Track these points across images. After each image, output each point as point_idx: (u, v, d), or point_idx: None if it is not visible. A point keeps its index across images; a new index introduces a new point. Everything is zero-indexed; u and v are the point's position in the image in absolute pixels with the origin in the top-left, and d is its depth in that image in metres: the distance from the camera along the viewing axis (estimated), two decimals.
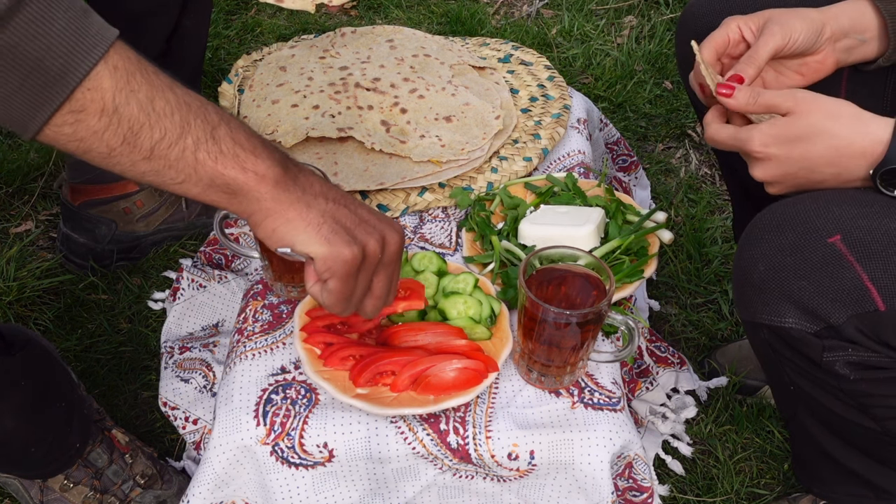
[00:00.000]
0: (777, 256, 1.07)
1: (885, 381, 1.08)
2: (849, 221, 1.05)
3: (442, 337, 1.23)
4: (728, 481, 1.57)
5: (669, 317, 1.86)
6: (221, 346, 1.62)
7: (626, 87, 2.42)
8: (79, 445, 1.42)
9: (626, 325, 1.18)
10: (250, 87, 1.69)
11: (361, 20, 2.72)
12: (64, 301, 1.84)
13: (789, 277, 1.06)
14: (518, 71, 1.77)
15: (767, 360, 1.22)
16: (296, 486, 1.21)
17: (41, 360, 1.37)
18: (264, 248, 1.31)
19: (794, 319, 1.07)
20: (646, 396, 1.60)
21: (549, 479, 1.22)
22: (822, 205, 1.07)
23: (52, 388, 1.37)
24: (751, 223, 1.13)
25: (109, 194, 1.84)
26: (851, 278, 1.02)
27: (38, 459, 1.37)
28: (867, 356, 1.06)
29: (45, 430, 1.35)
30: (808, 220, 1.07)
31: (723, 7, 1.34)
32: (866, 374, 1.07)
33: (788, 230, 1.07)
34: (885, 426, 1.13)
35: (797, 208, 1.09)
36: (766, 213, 1.12)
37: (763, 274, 1.08)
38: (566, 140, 1.65)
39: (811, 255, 1.05)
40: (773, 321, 1.08)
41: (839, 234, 1.04)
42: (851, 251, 1.03)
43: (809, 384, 1.15)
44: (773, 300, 1.08)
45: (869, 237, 1.03)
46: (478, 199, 1.49)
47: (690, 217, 2.06)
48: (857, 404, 1.12)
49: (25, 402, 1.30)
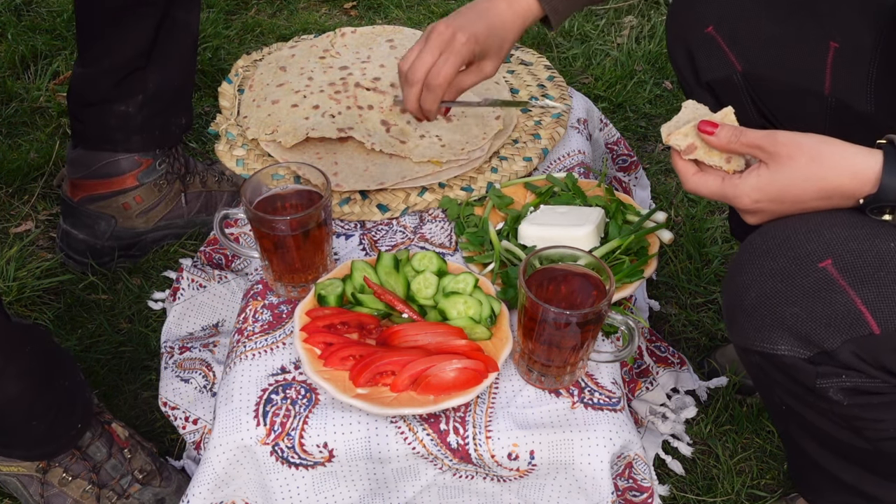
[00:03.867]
0: (768, 282, 1.06)
1: (878, 406, 1.07)
2: (839, 245, 1.04)
3: (442, 337, 1.23)
4: (728, 481, 1.57)
5: (669, 317, 1.86)
6: (221, 346, 1.62)
7: (626, 87, 2.42)
8: (80, 426, 1.42)
9: (626, 325, 1.18)
10: (250, 87, 1.69)
11: (361, 20, 2.72)
12: (64, 301, 1.84)
13: (781, 304, 1.05)
14: (518, 71, 1.77)
15: (759, 382, 1.21)
16: (296, 486, 1.21)
17: (44, 337, 1.39)
18: (264, 248, 1.31)
19: (786, 346, 1.06)
20: (646, 396, 1.60)
21: (549, 479, 1.22)
22: (813, 228, 1.06)
23: (57, 364, 1.39)
24: (740, 247, 1.13)
25: (109, 189, 1.84)
26: (844, 302, 1.02)
27: (40, 435, 1.38)
28: (861, 382, 1.05)
29: (49, 403, 1.36)
30: (799, 245, 1.06)
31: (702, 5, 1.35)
32: (860, 399, 1.07)
33: (779, 255, 1.07)
34: (877, 446, 1.13)
35: (787, 233, 1.08)
36: (756, 238, 1.11)
37: (754, 300, 1.07)
38: (566, 140, 1.65)
39: (803, 280, 1.04)
40: (766, 348, 1.08)
41: (830, 258, 1.03)
42: (843, 275, 1.02)
43: (801, 406, 1.15)
44: (765, 327, 1.07)
45: (860, 260, 1.02)
46: (466, 203, 1.48)
47: (690, 217, 2.06)
48: (850, 427, 1.12)
49: (31, 369, 1.31)
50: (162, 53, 1.75)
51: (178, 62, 1.79)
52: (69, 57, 2.44)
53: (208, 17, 2.60)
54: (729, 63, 1.32)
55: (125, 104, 1.77)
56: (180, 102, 1.85)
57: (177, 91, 1.82)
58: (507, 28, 1.32)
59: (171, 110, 1.83)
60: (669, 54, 1.44)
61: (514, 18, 1.32)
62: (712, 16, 1.34)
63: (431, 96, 1.31)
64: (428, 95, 1.31)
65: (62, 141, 2.18)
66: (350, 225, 1.49)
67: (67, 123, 2.21)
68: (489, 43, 1.31)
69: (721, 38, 1.33)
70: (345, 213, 1.48)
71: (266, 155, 1.57)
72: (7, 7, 2.61)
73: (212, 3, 2.69)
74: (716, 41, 1.34)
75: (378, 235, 1.47)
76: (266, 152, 1.57)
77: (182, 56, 1.80)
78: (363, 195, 1.51)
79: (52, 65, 2.42)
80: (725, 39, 1.33)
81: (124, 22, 1.70)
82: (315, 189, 1.34)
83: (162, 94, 1.79)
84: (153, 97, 1.78)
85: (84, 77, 1.77)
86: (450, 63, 1.28)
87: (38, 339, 1.36)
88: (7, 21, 2.55)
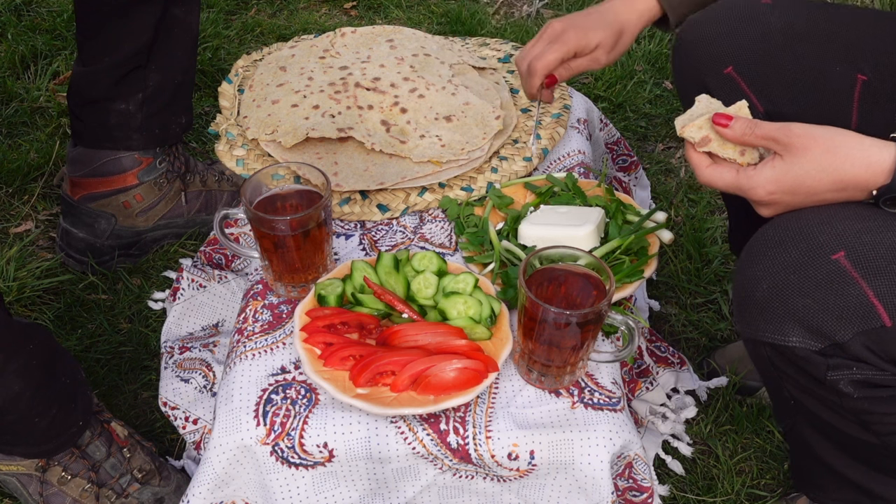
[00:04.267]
0: (780, 274, 1.06)
1: (888, 400, 1.07)
2: (852, 237, 1.04)
3: (442, 337, 1.23)
4: (728, 481, 1.57)
5: (669, 317, 1.86)
6: (221, 346, 1.62)
7: (626, 87, 2.42)
8: (81, 423, 1.42)
9: (626, 325, 1.18)
10: (250, 87, 1.69)
11: (361, 20, 2.72)
12: (64, 301, 1.84)
13: (793, 295, 1.05)
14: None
15: (767, 374, 1.21)
16: (296, 486, 1.21)
17: (45, 336, 1.39)
18: (264, 248, 1.31)
19: (798, 338, 1.06)
20: (646, 396, 1.60)
21: (549, 479, 1.22)
22: (825, 220, 1.06)
23: (57, 361, 1.39)
24: (752, 239, 1.13)
25: (109, 187, 1.84)
26: (857, 295, 1.02)
27: (41, 432, 1.38)
28: (872, 374, 1.05)
29: (50, 400, 1.36)
30: (812, 237, 1.06)
31: (708, 32, 1.35)
32: (870, 392, 1.07)
33: (791, 247, 1.07)
34: (885, 441, 1.13)
35: (800, 224, 1.08)
36: (768, 229, 1.11)
37: (766, 292, 1.07)
38: (566, 140, 1.65)
39: (815, 272, 1.04)
40: (777, 340, 1.08)
41: (843, 250, 1.03)
42: (856, 267, 1.02)
43: (810, 400, 1.15)
44: (776, 319, 1.07)
45: (873, 253, 1.02)
46: (466, 203, 1.48)
47: (690, 217, 2.06)
48: (858, 420, 1.12)
49: (32, 366, 1.31)
50: (162, 51, 1.75)
51: (178, 60, 1.79)
52: (69, 57, 2.44)
53: (208, 17, 2.60)
54: (750, 104, 1.32)
55: (125, 102, 1.77)
56: (180, 101, 1.85)
57: (177, 89, 1.82)
58: (622, 21, 1.42)
59: (171, 109, 1.83)
60: (678, 88, 1.46)
61: (630, 15, 1.42)
62: (730, 55, 1.34)
63: (531, 80, 1.46)
64: (529, 79, 1.46)
65: (62, 141, 2.18)
66: (350, 225, 1.49)
67: (67, 123, 2.21)
68: (602, 36, 1.42)
69: (742, 79, 1.34)
70: (345, 213, 1.48)
71: (266, 155, 1.57)
72: (7, 7, 2.61)
73: (212, 3, 2.69)
74: (735, 82, 1.34)
75: (378, 235, 1.47)
76: (266, 152, 1.57)
77: (182, 54, 1.80)
78: (363, 195, 1.51)
79: (52, 65, 2.42)
80: (746, 80, 1.33)
81: (124, 20, 1.70)
82: (315, 189, 1.34)
83: (162, 93, 1.79)
84: (153, 95, 1.78)
85: (84, 75, 1.77)
86: (553, 50, 1.42)
87: (40, 337, 1.37)
88: (7, 21, 2.55)
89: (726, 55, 1.35)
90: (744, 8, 1.36)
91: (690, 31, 1.40)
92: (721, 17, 1.37)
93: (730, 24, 1.35)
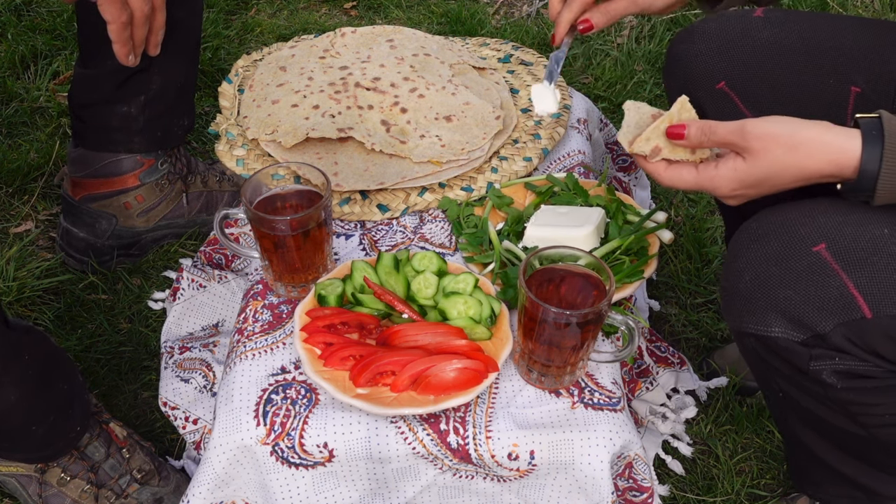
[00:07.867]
0: (762, 266, 1.07)
1: (872, 391, 1.08)
2: (833, 229, 1.05)
3: (442, 337, 1.23)
4: (728, 481, 1.57)
5: (669, 317, 1.86)
6: (221, 346, 1.62)
7: (626, 87, 2.42)
8: (79, 429, 1.42)
9: (626, 325, 1.18)
10: (250, 87, 1.69)
11: (361, 20, 2.72)
12: (64, 301, 1.84)
13: (775, 287, 1.06)
14: (518, 71, 1.77)
15: (756, 368, 1.22)
16: (296, 486, 1.21)
17: (42, 342, 1.39)
18: (264, 248, 1.31)
19: (780, 329, 1.07)
20: (646, 396, 1.60)
21: (549, 479, 1.22)
22: (807, 213, 1.07)
23: (54, 368, 1.39)
24: (736, 233, 1.14)
25: (110, 188, 1.84)
26: (837, 286, 1.03)
27: (38, 439, 1.38)
28: (854, 365, 1.06)
29: (47, 408, 1.36)
30: (793, 230, 1.07)
31: (700, 48, 1.34)
32: (853, 383, 1.07)
33: (773, 240, 1.08)
34: (872, 433, 1.13)
35: (782, 217, 1.09)
36: (751, 223, 1.12)
37: (749, 284, 1.08)
38: (566, 140, 1.65)
39: (797, 264, 1.05)
40: (760, 331, 1.09)
41: (824, 242, 1.04)
42: (837, 259, 1.03)
43: (797, 392, 1.15)
44: (759, 310, 1.08)
45: (854, 245, 1.03)
46: (466, 203, 1.48)
47: (690, 217, 2.06)
48: (845, 412, 1.12)
49: (28, 375, 1.31)
50: (164, 54, 1.75)
51: (180, 63, 1.79)
52: (69, 57, 2.44)
53: (208, 17, 2.60)
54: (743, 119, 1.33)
55: (127, 105, 1.76)
56: (183, 103, 1.84)
57: (179, 92, 1.82)
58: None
59: (173, 111, 1.83)
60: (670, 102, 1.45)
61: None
62: (722, 71, 1.33)
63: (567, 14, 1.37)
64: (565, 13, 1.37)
65: (62, 141, 2.18)
66: (350, 225, 1.49)
67: (68, 123, 2.21)
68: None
69: (735, 94, 1.33)
70: (345, 213, 1.48)
71: (266, 155, 1.57)
72: (7, 7, 2.61)
73: (212, 3, 2.69)
74: (729, 97, 1.34)
75: (378, 235, 1.47)
76: (266, 152, 1.57)
77: (184, 57, 1.79)
78: (363, 195, 1.51)
79: (52, 65, 2.41)
80: (739, 95, 1.33)
81: None
82: (315, 189, 1.34)
83: (164, 95, 1.78)
84: (155, 98, 1.78)
85: (85, 78, 1.77)
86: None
87: (37, 344, 1.36)
88: (7, 21, 2.55)
89: (718, 70, 1.34)
90: (736, 22, 1.35)
91: (682, 46, 1.39)
92: (713, 32, 1.35)
93: (722, 38, 1.34)
